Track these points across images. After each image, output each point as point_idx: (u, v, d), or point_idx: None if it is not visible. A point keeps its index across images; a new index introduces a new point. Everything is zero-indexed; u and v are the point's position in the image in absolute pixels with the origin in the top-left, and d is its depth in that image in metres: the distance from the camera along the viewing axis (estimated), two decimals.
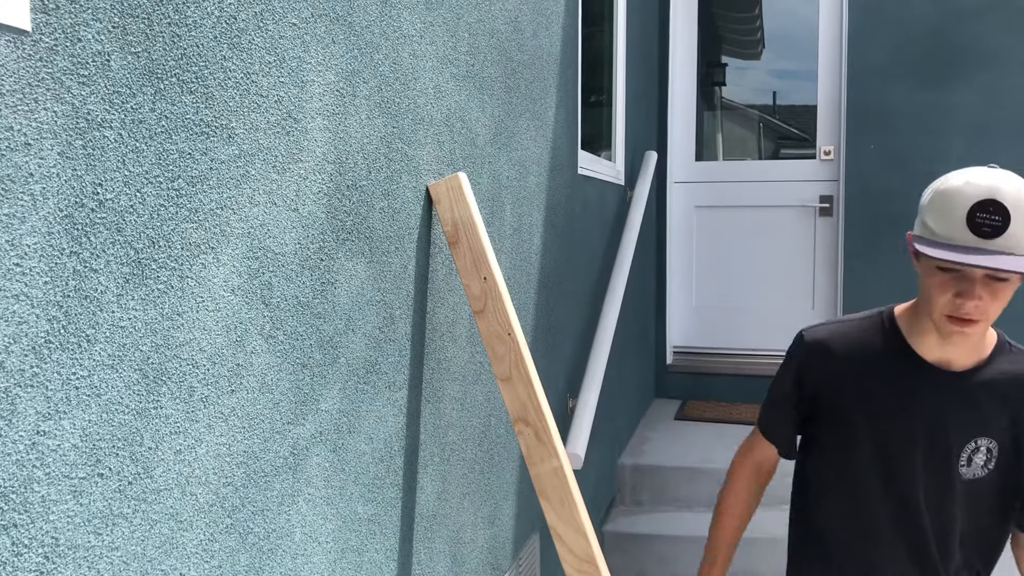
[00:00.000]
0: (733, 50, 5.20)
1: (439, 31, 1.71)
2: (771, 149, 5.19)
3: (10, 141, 0.77)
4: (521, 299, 2.29)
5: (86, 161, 0.85)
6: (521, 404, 1.67)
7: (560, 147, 2.73)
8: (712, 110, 5.20)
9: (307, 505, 1.27)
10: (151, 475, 0.95)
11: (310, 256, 1.27)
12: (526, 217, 2.32)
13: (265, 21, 1.14)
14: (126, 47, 0.90)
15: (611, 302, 3.26)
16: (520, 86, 2.27)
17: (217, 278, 1.06)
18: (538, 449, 1.64)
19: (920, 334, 1.55)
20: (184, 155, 0.99)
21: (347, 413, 1.39)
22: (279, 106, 1.18)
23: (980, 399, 1.53)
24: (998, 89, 4.37)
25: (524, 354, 1.66)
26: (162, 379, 0.97)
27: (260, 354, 1.15)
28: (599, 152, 3.69)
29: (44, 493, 0.81)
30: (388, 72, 1.50)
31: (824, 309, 4.79)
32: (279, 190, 1.19)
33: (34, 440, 0.80)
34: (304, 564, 1.26)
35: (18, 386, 0.78)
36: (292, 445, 1.23)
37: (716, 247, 4.94)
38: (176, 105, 0.98)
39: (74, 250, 0.84)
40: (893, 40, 4.51)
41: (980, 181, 1.37)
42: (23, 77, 0.78)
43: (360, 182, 1.41)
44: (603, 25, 3.77)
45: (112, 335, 0.89)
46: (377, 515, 1.50)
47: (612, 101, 3.92)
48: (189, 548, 1.02)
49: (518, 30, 2.25)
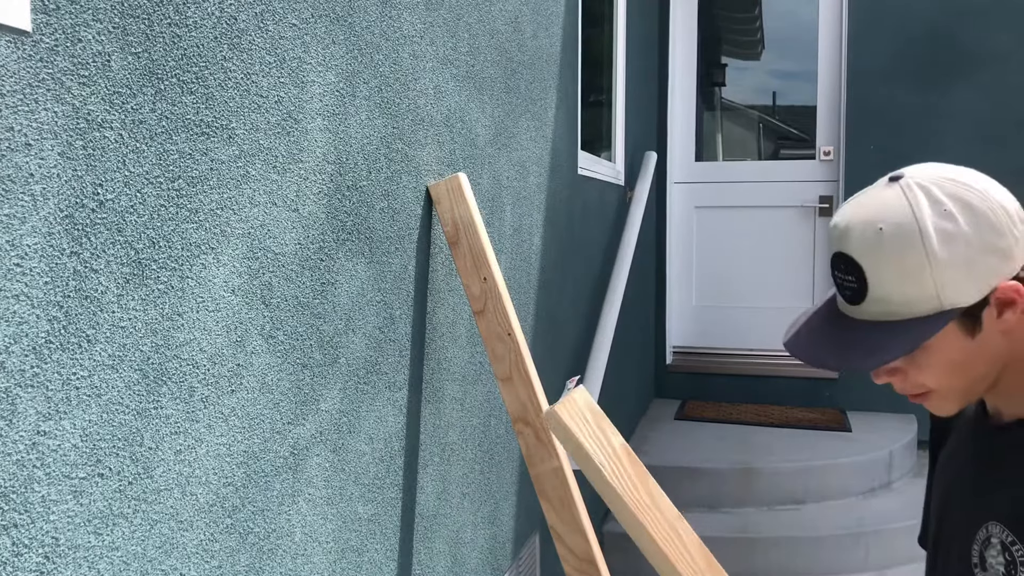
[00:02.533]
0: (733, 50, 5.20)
1: (439, 31, 1.71)
2: (771, 149, 5.19)
3: (10, 141, 0.77)
4: (521, 299, 2.29)
5: (86, 161, 0.85)
6: (521, 404, 1.67)
7: (560, 147, 2.73)
8: (712, 110, 5.20)
9: (307, 505, 1.27)
10: (151, 475, 0.95)
11: (310, 256, 1.27)
12: (526, 217, 2.32)
13: (265, 21, 1.15)
14: (126, 47, 0.90)
15: (611, 302, 3.26)
16: (520, 86, 2.27)
17: (217, 278, 1.06)
18: (538, 449, 1.64)
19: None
20: (184, 155, 0.99)
21: (347, 413, 1.39)
22: (279, 106, 1.18)
23: (1004, 463, 1.00)
24: (998, 89, 4.36)
25: (524, 354, 1.66)
26: (162, 379, 0.97)
27: (260, 354, 1.15)
28: (599, 152, 3.69)
29: (44, 493, 0.81)
30: (388, 72, 1.50)
31: None
32: (279, 190, 1.19)
33: (34, 440, 0.80)
34: (304, 564, 1.26)
35: (18, 386, 0.78)
36: (292, 445, 1.23)
37: (716, 247, 4.94)
38: (176, 105, 0.98)
39: (74, 250, 0.84)
40: (893, 40, 4.51)
41: (836, 219, 0.98)
42: (23, 77, 0.78)
43: (360, 182, 1.41)
44: (603, 25, 3.77)
45: (112, 335, 0.89)
46: (377, 515, 1.50)
47: (612, 101, 3.92)
48: (189, 548, 1.02)
49: (518, 30, 2.25)
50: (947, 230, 0.91)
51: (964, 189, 0.93)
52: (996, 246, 0.91)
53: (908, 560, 3.46)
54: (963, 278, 0.92)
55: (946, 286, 0.92)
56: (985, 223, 0.92)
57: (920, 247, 0.91)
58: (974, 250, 0.91)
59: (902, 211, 0.93)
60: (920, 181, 0.94)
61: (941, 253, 0.91)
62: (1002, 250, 0.92)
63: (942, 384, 0.98)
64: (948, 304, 0.92)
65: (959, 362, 0.96)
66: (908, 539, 3.48)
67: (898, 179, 0.95)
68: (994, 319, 0.93)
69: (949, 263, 0.91)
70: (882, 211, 0.93)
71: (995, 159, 4.37)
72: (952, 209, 0.91)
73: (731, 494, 3.67)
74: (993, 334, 0.94)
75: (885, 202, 0.94)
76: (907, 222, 0.92)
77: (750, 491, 3.68)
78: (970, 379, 0.97)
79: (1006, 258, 0.92)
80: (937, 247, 0.91)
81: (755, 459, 3.77)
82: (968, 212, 0.91)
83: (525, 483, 2.38)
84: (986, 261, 0.92)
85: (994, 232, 0.91)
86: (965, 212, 0.91)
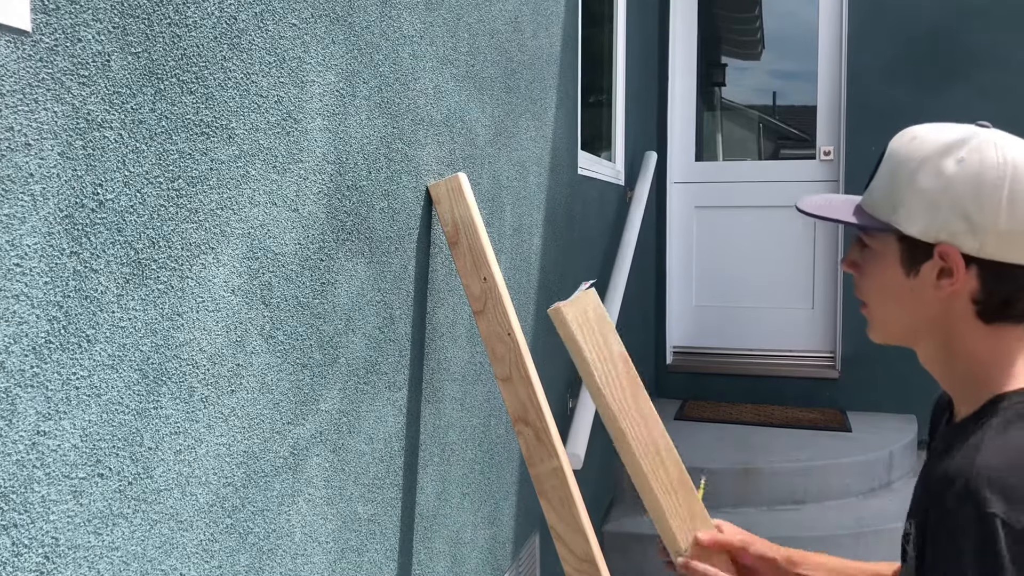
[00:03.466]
0: (733, 50, 5.20)
1: (439, 31, 1.71)
2: (771, 149, 5.19)
3: (10, 141, 0.77)
4: (521, 299, 2.29)
5: (86, 161, 0.85)
6: (521, 404, 1.67)
7: (560, 147, 2.73)
8: (712, 110, 5.20)
9: (307, 505, 1.27)
10: (151, 475, 0.95)
11: (310, 256, 1.27)
12: (526, 217, 2.32)
13: (265, 21, 1.14)
14: (126, 47, 0.90)
15: (611, 302, 3.26)
16: (520, 86, 2.27)
17: (217, 278, 1.06)
18: (538, 449, 1.64)
19: None
20: (184, 155, 0.99)
21: (347, 413, 1.39)
22: (279, 106, 1.18)
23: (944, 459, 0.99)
24: (998, 89, 4.36)
25: (524, 354, 1.66)
26: (162, 379, 0.97)
27: (260, 354, 1.15)
28: (599, 152, 3.69)
29: (44, 493, 0.81)
30: (388, 72, 1.50)
31: (824, 309, 4.79)
32: (279, 190, 1.19)
33: (34, 440, 0.80)
34: (304, 564, 1.26)
35: (18, 386, 0.78)
36: (292, 445, 1.23)
37: (716, 247, 4.94)
38: (176, 105, 0.98)
39: (74, 250, 0.84)
40: (893, 40, 4.51)
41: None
42: (23, 77, 0.78)
43: (360, 182, 1.41)
44: (603, 25, 3.77)
45: (112, 335, 0.89)
46: (377, 515, 1.50)
47: (612, 101, 3.92)
48: (189, 548, 1.02)
49: (518, 30, 2.25)
50: (942, 169, 0.97)
51: (995, 159, 0.96)
52: (967, 212, 0.95)
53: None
54: (920, 211, 0.98)
55: (904, 205, 0.99)
56: (974, 191, 0.95)
57: (915, 165, 0.99)
58: (946, 199, 0.96)
59: (942, 137, 0.99)
60: (1005, 136, 0.99)
61: (922, 180, 0.98)
62: (971, 221, 0.95)
63: (872, 302, 1.06)
64: (896, 222, 1.00)
65: (891, 292, 1.03)
66: None
67: (986, 126, 1.01)
68: (933, 277, 0.99)
69: (920, 191, 0.98)
70: (940, 129, 1.01)
71: None
72: (965, 158, 0.96)
73: (731, 494, 3.67)
74: (928, 289, 1.00)
75: (946, 128, 1.01)
76: (929, 147, 0.99)
77: (750, 491, 3.68)
78: (899, 321, 1.04)
79: (971, 232, 0.95)
80: (922, 174, 0.98)
81: (755, 459, 3.77)
82: (971, 174, 0.96)
83: (525, 483, 2.38)
84: (948, 215, 0.96)
85: (975, 203, 0.95)
86: (968, 171, 0.96)
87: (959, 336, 1.00)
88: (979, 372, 0.99)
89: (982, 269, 0.96)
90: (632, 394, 1.45)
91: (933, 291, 0.99)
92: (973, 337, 0.99)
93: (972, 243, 0.96)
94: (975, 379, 0.99)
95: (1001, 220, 0.94)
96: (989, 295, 0.97)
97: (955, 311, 0.99)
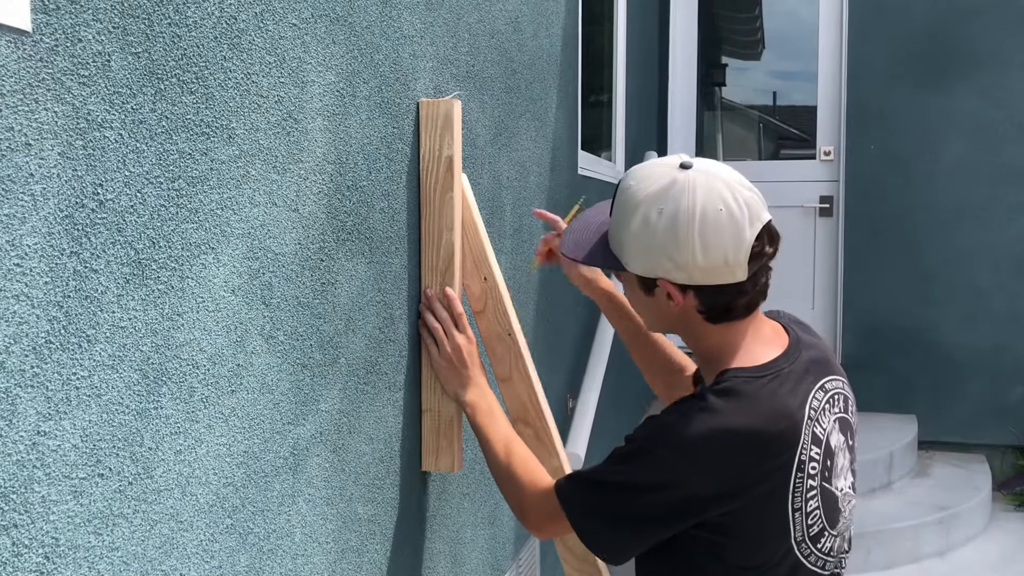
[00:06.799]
0: (733, 50, 5.21)
1: (439, 31, 1.71)
2: (771, 149, 5.20)
3: (10, 141, 0.77)
4: (521, 299, 2.29)
5: (86, 161, 0.85)
6: (521, 404, 1.67)
7: (560, 147, 2.73)
8: (712, 110, 5.20)
9: (307, 505, 1.27)
10: (151, 475, 0.95)
11: (310, 256, 1.27)
12: (526, 217, 2.32)
13: (265, 21, 1.14)
14: (126, 47, 0.90)
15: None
16: (520, 86, 2.27)
17: (217, 278, 1.06)
18: (538, 449, 1.64)
19: None
20: (184, 155, 0.99)
21: (347, 413, 1.39)
22: (279, 106, 1.18)
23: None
24: (998, 89, 4.36)
25: (524, 354, 1.66)
26: (162, 379, 0.97)
27: (260, 354, 1.15)
28: (599, 152, 3.69)
29: (44, 493, 0.81)
30: (388, 72, 1.50)
31: (824, 309, 4.79)
32: (279, 190, 1.19)
33: (34, 440, 0.80)
34: (304, 564, 1.26)
35: (18, 386, 0.78)
36: (292, 445, 1.23)
37: None
38: (176, 105, 0.98)
39: (74, 250, 0.84)
40: (893, 40, 4.51)
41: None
42: (23, 77, 0.78)
43: (360, 182, 1.41)
44: (603, 25, 3.77)
45: (112, 335, 0.89)
46: (377, 515, 1.50)
47: (612, 101, 3.92)
48: (189, 548, 1.02)
49: (518, 30, 2.25)
50: (648, 219, 1.20)
51: (687, 207, 1.18)
52: (671, 255, 1.19)
53: (909, 560, 3.46)
54: (638, 255, 1.23)
55: (626, 250, 1.25)
56: (672, 238, 1.18)
57: (629, 212, 1.22)
58: (654, 245, 1.20)
59: (649, 188, 1.21)
60: (701, 176, 1.20)
61: (634, 228, 1.22)
62: (676, 261, 1.19)
63: (633, 308, 1.38)
64: (625, 263, 1.26)
65: (641, 305, 1.32)
66: (909, 539, 3.48)
67: (688, 167, 1.21)
68: (664, 298, 1.25)
69: (634, 238, 1.22)
70: (651, 174, 1.23)
71: (995, 159, 4.37)
72: (663, 209, 1.18)
73: None
74: (664, 304, 1.26)
75: (657, 171, 1.22)
76: (639, 197, 1.21)
77: None
78: (654, 323, 1.35)
79: (678, 268, 1.19)
80: (634, 222, 1.22)
81: None
82: (668, 224, 1.18)
83: None
84: (659, 258, 1.21)
85: (675, 247, 1.18)
86: (666, 221, 1.18)
87: (697, 333, 1.28)
88: (714, 355, 1.28)
89: (698, 291, 1.22)
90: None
91: (668, 306, 1.26)
92: (707, 334, 1.27)
93: (682, 276, 1.20)
94: (711, 360, 1.28)
95: (699, 258, 1.17)
96: (710, 308, 1.23)
97: (690, 317, 1.26)
